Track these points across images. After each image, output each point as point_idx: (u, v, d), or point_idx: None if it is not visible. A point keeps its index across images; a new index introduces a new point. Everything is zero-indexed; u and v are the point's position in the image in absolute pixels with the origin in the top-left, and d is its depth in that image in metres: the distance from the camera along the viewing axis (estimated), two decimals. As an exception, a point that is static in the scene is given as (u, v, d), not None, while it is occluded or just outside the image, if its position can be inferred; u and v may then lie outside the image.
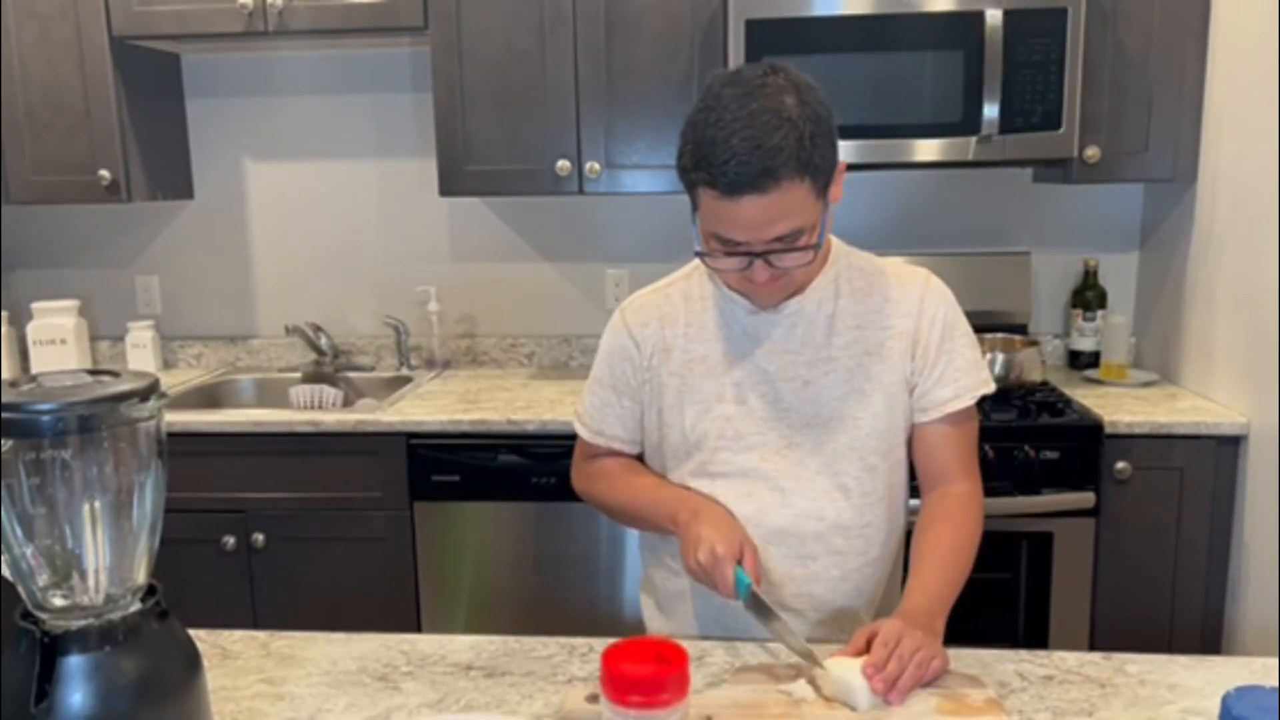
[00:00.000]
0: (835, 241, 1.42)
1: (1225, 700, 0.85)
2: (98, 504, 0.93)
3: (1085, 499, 2.30)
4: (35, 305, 2.94)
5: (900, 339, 1.37)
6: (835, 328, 1.37)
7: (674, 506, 1.36)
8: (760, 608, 1.23)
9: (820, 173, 1.20)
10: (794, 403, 1.36)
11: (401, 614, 2.50)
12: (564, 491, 2.41)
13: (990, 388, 1.41)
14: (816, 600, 1.39)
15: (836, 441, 1.36)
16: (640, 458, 1.51)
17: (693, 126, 1.22)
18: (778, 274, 1.26)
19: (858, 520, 1.37)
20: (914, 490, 1.44)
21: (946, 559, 1.32)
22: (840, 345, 1.37)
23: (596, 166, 2.56)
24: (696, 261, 1.39)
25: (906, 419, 1.40)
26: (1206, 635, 2.37)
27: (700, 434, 1.38)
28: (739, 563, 1.24)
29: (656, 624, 1.52)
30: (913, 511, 1.44)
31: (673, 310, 1.42)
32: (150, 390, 0.95)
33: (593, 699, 1.09)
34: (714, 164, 1.18)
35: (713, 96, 1.21)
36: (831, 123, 1.23)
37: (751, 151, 1.16)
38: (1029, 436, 2.29)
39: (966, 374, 1.38)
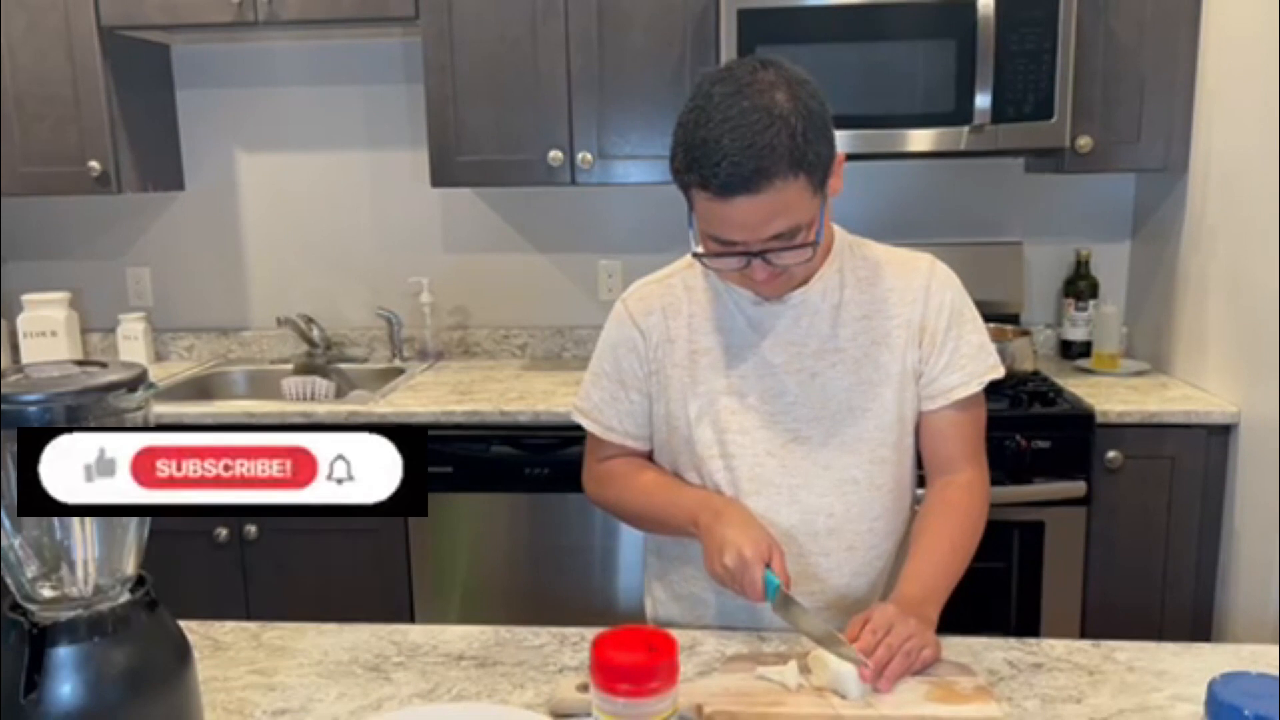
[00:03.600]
0: (839, 231, 1.39)
1: (1212, 686, 0.85)
2: (86, 495, 0.93)
3: (1077, 488, 2.30)
4: (26, 297, 2.93)
5: (907, 327, 1.35)
6: (841, 318, 1.35)
7: (693, 509, 1.32)
8: (789, 608, 1.20)
9: (815, 168, 1.18)
10: (801, 395, 1.34)
11: (394, 606, 2.50)
12: (557, 482, 2.43)
13: (999, 372, 1.39)
14: (829, 595, 1.37)
15: (845, 434, 1.34)
16: (650, 455, 1.46)
17: (683, 127, 1.19)
18: (777, 271, 1.24)
19: (867, 514, 1.36)
20: (921, 479, 1.43)
21: (944, 547, 1.32)
22: (847, 336, 1.35)
23: (589, 157, 2.56)
24: None
25: (915, 408, 1.38)
26: (1197, 623, 2.38)
27: (705, 428, 1.36)
28: (767, 565, 1.20)
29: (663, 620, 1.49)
30: (918, 501, 1.43)
31: (676, 301, 1.40)
32: (137, 381, 0.95)
33: (583, 688, 1.09)
34: (705, 165, 1.15)
35: (703, 95, 1.18)
36: (826, 116, 1.20)
37: (743, 151, 1.13)
38: (1021, 426, 2.29)
39: (974, 360, 1.36)
